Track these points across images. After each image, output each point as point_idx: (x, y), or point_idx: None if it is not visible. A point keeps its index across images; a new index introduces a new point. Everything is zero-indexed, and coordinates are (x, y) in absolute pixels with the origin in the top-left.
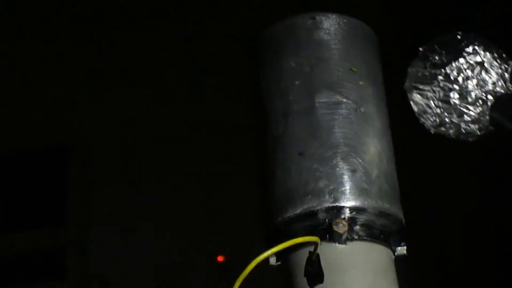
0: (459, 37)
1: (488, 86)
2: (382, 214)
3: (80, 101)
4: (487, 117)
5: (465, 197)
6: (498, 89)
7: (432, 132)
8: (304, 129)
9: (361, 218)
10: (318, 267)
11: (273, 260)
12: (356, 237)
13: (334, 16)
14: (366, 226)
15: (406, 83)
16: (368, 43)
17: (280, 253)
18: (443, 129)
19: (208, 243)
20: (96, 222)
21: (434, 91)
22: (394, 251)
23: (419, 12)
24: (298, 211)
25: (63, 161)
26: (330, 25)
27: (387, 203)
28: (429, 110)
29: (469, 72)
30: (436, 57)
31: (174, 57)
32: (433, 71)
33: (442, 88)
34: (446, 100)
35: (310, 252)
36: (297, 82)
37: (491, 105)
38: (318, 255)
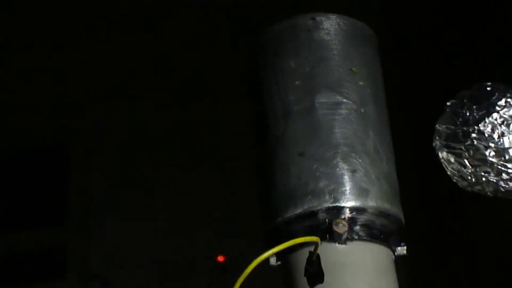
0: (488, 89)
1: None
2: (382, 214)
3: (81, 101)
4: None
5: (465, 197)
6: None
7: (469, 191)
8: (304, 129)
9: (361, 218)
10: (318, 267)
11: (273, 260)
12: (356, 237)
13: (334, 16)
14: (366, 226)
15: (436, 142)
16: (368, 44)
17: (280, 253)
18: (479, 187)
19: (208, 243)
20: (96, 222)
21: (468, 150)
22: (394, 251)
23: (417, 11)
24: (298, 211)
25: (63, 161)
26: (330, 25)
27: (387, 203)
28: (464, 170)
29: (504, 128)
30: (467, 113)
31: (173, 57)
32: (465, 128)
33: (476, 146)
34: (481, 159)
35: (310, 252)
36: (297, 82)
37: None
38: (318, 255)
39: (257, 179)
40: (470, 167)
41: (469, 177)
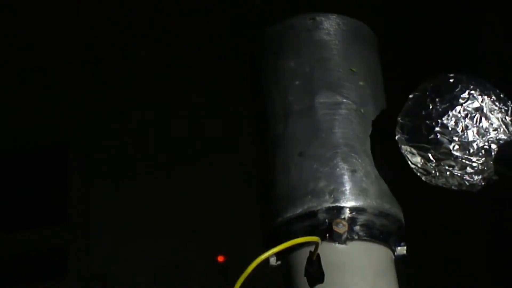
0: (451, 80)
1: (489, 133)
2: (382, 214)
3: (81, 101)
4: (491, 167)
5: (465, 197)
6: (500, 135)
7: (433, 184)
8: (304, 129)
9: (361, 218)
10: (318, 267)
11: (273, 260)
12: (356, 237)
13: (334, 16)
14: (366, 226)
15: (398, 135)
16: (368, 44)
17: (280, 253)
18: (443, 181)
19: (208, 243)
20: (96, 222)
21: (431, 143)
22: (394, 251)
23: (416, 11)
24: (298, 211)
25: (63, 161)
26: (330, 25)
27: (387, 203)
28: (428, 164)
29: (467, 121)
30: (430, 106)
31: (173, 57)
32: (428, 122)
33: (440, 140)
34: (445, 152)
35: (310, 252)
36: (297, 82)
37: (495, 156)
38: (318, 255)
39: (257, 179)
40: (434, 161)
41: (433, 171)
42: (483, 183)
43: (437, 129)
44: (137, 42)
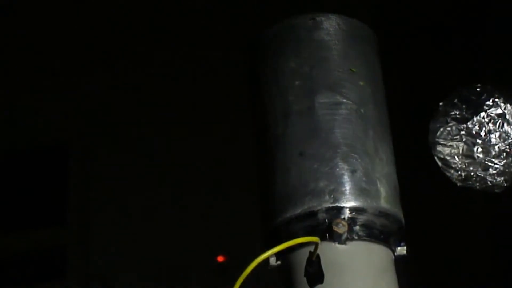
0: (478, 89)
1: (511, 137)
2: (381, 214)
3: (81, 101)
4: None
5: (466, 196)
6: None
7: (458, 185)
8: (304, 129)
9: (361, 218)
10: (318, 267)
11: (273, 260)
12: (356, 237)
13: (334, 16)
14: (366, 226)
15: (429, 139)
16: (368, 44)
17: (280, 253)
18: (469, 182)
19: (208, 243)
20: (96, 222)
21: (457, 147)
22: (393, 251)
23: (416, 11)
24: (298, 211)
25: (63, 161)
26: (330, 25)
27: (387, 204)
28: (454, 165)
29: (491, 126)
30: (457, 112)
31: (173, 57)
32: (455, 127)
33: (465, 143)
34: (470, 155)
35: (310, 252)
36: (297, 83)
37: None
38: (318, 255)
39: (257, 179)
40: (460, 162)
41: (459, 172)
42: (505, 184)
43: (462, 132)
44: (136, 42)
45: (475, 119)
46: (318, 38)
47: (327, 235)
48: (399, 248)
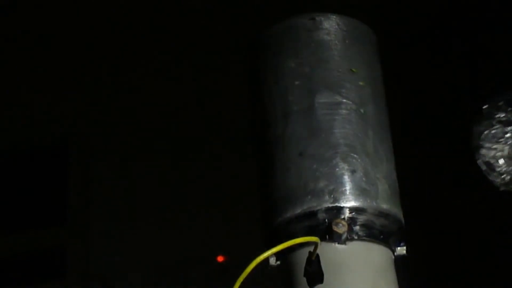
0: None
1: None
2: (381, 214)
3: (81, 101)
4: None
5: (466, 197)
6: None
7: (501, 190)
8: (304, 129)
9: (361, 218)
10: (318, 267)
11: (273, 260)
12: (355, 237)
13: (334, 16)
14: (365, 226)
15: (472, 142)
16: (368, 44)
17: (280, 253)
18: (507, 183)
19: (208, 243)
20: (96, 222)
21: (502, 150)
22: (393, 251)
23: (416, 10)
24: (298, 211)
25: (63, 161)
26: (330, 25)
27: (387, 204)
28: (498, 169)
29: None
30: (502, 115)
31: (172, 56)
32: (500, 129)
33: (510, 146)
34: (510, 157)
35: (310, 252)
36: (297, 83)
37: None
38: (318, 255)
39: (257, 179)
40: (504, 165)
41: (503, 175)
42: None
43: (507, 135)
44: (136, 42)
45: None
46: (318, 38)
47: (327, 235)
48: (399, 248)
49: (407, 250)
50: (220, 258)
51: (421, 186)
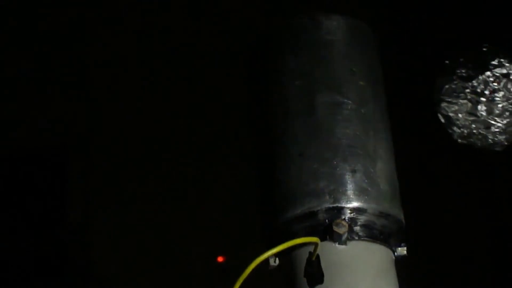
0: (484, 49)
1: None
2: (382, 214)
3: (81, 101)
4: None
5: (466, 196)
6: None
7: (459, 142)
8: (304, 129)
9: (361, 218)
10: (318, 267)
11: (273, 261)
12: (356, 237)
13: (334, 16)
14: (366, 226)
15: (434, 96)
16: (368, 44)
17: (280, 254)
18: (470, 140)
19: (208, 243)
20: (96, 222)
21: (461, 104)
22: (394, 252)
23: (416, 10)
24: (298, 211)
25: (62, 161)
26: (330, 25)
27: (387, 204)
28: (457, 122)
29: (495, 85)
30: (463, 71)
31: (172, 56)
32: (460, 84)
33: (469, 101)
34: (473, 113)
35: (310, 252)
36: (297, 83)
37: None
38: (318, 256)
39: (257, 179)
40: (463, 119)
41: (461, 129)
42: (506, 143)
43: (467, 90)
44: (137, 42)
45: (480, 77)
46: (318, 38)
47: (327, 235)
48: (399, 248)
49: (407, 251)
50: (220, 258)
51: (421, 186)
